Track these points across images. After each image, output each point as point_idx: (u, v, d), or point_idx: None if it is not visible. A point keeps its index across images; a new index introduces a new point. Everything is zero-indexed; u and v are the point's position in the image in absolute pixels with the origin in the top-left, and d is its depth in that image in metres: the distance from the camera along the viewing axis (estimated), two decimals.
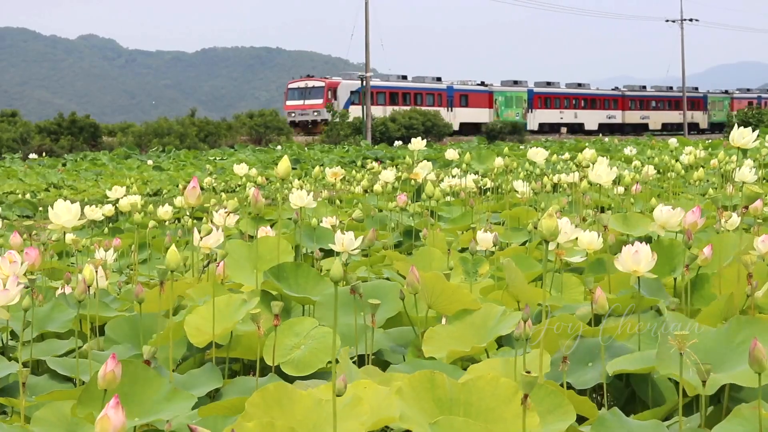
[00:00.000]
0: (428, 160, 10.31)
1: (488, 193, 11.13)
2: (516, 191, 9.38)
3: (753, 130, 4.73)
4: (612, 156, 22.11)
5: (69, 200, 5.01)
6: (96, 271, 4.33)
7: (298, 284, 4.64)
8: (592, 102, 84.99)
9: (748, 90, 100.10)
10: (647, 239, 6.21)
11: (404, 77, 75.89)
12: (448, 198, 10.47)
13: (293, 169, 27.57)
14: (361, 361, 3.93)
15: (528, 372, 2.45)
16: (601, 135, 72.48)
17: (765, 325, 3.23)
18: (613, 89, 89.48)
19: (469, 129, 72.43)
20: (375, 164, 13.43)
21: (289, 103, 69.58)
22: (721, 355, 3.21)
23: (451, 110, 74.47)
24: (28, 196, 20.80)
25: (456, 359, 3.91)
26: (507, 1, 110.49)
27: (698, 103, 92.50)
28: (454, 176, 11.10)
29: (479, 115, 76.18)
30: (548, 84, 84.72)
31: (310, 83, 68.97)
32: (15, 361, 4.17)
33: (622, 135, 74.31)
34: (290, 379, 3.78)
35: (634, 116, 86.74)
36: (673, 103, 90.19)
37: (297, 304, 4.71)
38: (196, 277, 5.38)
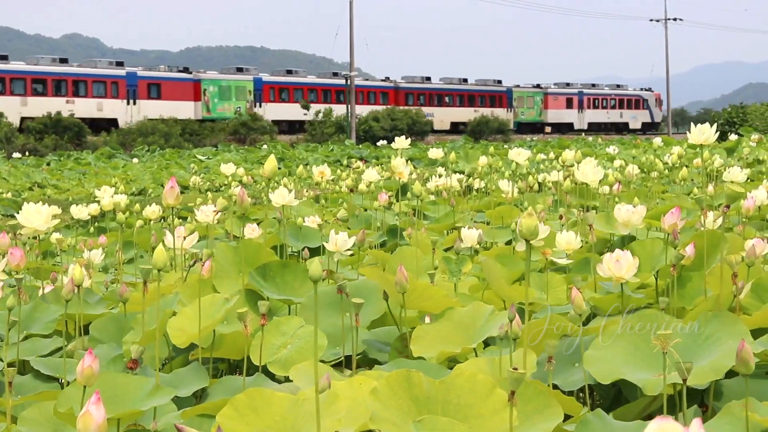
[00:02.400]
0: (412, 159, 10.33)
1: (474, 192, 11.15)
2: (501, 190, 9.40)
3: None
4: (596, 155, 22.16)
5: (52, 199, 4.99)
6: (82, 271, 4.32)
7: (285, 283, 4.64)
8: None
9: (568, 84, 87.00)
10: (630, 239, 6.23)
11: (63, 60, 60.58)
12: (431, 197, 10.49)
13: (277, 168, 27.53)
14: (348, 361, 3.93)
15: (515, 368, 2.45)
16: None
17: (729, 318, 3.26)
18: (383, 80, 75.96)
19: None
20: (360, 163, 13.44)
21: None
22: (690, 351, 3.23)
23: (135, 103, 59.46)
24: (11, 195, 20.73)
25: (444, 360, 3.91)
26: (494, 0, 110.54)
27: (500, 98, 78.93)
28: (440, 176, 11.11)
29: (179, 109, 60.66)
30: (289, 72, 70.79)
31: None
32: (0, 360, 4.17)
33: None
34: (277, 379, 3.79)
35: None
36: (467, 99, 76.86)
37: (283, 304, 4.71)
38: (182, 277, 5.37)
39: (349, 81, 64.12)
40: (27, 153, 45.22)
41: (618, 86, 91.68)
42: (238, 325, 3.97)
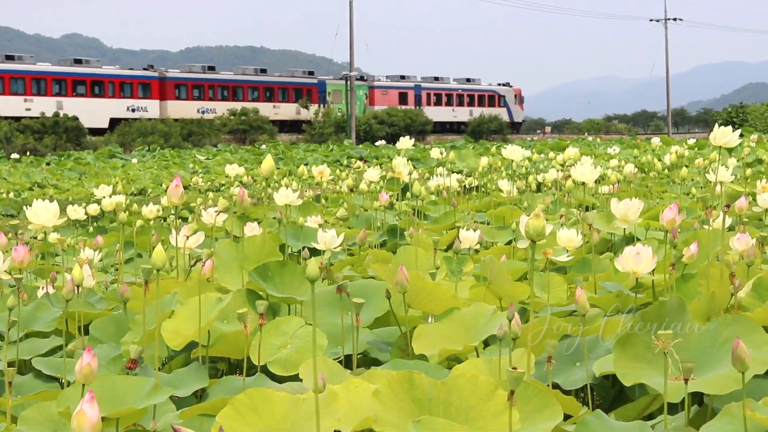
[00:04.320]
0: (412, 159, 10.33)
1: (473, 192, 11.15)
2: (501, 190, 9.39)
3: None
4: (596, 155, 22.15)
5: (52, 199, 4.99)
6: (82, 270, 4.32)
7: (284, 283, 4.63)
8: (96, 87, 57.95)
9: (403, 77, 74.01)
10: (630, 239, 6.23)
11: None
12: (432, 197, 10.49)
13: (276, 168, 27.55)
14: (348, 360, 3.93)
15: (514, 368, 2.45)
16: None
17: (749, 324, 3.23)
18: (145, 68, 62.25)
19: None
20: (360, 163, 13.43)
21: None
22: (706, 354, 3.21)
23: None
24: (11, 195, 20.72)
25: (445, 359, 3.90)
26: (494, 0, 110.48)
27: (308, 92, 67.01)
28: (439, 175, 11.11)
29: None
30: (9, 58, 58.11)
31: None
32: None
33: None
34: (278, 379, 3.78)
35: (185, 109, 59.41)
36: (262, 93, 64.51)
37: (284, 303, 4.71)
38: (183, 277, 5.37)
39: (349, 81, 64.03)
40: (27, 153, 45.16)
41: (468, 80, 79.22)
42: (238, 324, 3.97)
